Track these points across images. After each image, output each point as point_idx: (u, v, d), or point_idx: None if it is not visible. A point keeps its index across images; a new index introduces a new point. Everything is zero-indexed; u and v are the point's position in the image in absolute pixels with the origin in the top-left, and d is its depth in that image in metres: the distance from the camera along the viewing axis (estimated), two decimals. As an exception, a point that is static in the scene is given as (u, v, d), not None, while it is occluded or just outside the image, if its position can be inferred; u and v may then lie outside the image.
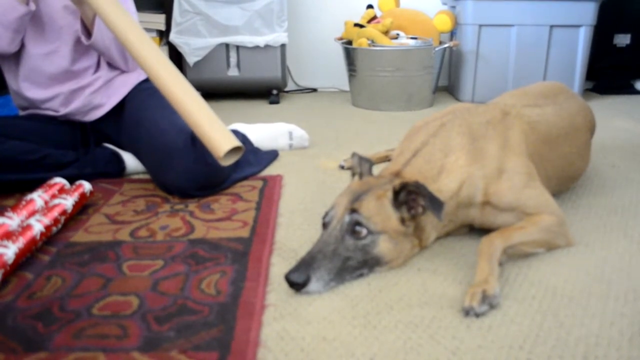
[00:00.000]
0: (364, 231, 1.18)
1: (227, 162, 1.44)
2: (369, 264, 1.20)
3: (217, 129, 1.42)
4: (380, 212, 1.20)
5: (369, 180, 1.30)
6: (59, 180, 1.59)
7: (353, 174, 1.39)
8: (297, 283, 1.11)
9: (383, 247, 1.19)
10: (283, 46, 3.12)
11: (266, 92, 3.23)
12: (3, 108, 2.47)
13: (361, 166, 1.37)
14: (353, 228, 1.18)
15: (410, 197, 1.21)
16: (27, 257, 1.28)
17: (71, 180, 1.63)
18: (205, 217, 1.53)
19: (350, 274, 1.17)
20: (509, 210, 1.30)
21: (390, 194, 1.22)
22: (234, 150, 1.42)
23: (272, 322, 1.04)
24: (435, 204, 1.17)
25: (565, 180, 1.59)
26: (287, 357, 0.94)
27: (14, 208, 1.40)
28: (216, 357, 0.93)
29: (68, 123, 1.90)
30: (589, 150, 1.68)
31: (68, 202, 1.47)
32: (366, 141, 2.32)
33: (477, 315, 1.04)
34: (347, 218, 1.19)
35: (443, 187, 1.27)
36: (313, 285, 1.12)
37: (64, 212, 1.44)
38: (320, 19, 3.47)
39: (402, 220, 1.22)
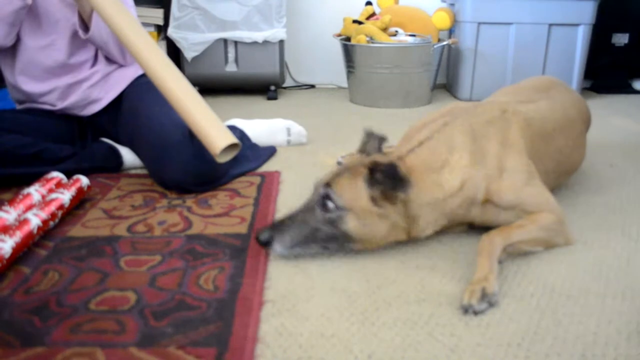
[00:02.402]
0: (332, 205, 1.21)
1: (223, 159, 1.43)
2: (339, 239, 1.23)
3: (213, 126, 1.41)
4: (351, 189, 1.21)
5: (363, 159, 1.30)
6: (56, 175, 1.58)
7: (360, 151, 1.39)
8: (260, 241, 1.22)
9: (350, 224, 1.21)
10: (281, 42, 3.11)
11: (264, 88, 3.22)
12: (0, 102, 2.46)
13: (367, 143, 1.38)
14: (323, 201, 1.22)
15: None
16: (24, 252, 1.27)
17: (68, 175, 1.62)
18: (203, 213, 1.52)
19: (318, 244, 1.23)
20: (510, 208, 1.30)
21: (366, 172, 1.22)
22: (231, 147, 1.42)
23: (270, 318, 1.04)
24: (396, 181, 1.18)
25: (563, 173, 1.59)
26: (285, 353, 0.94)
27: (11, 202, 1.39)
28: (214, 353, 0.93)
29: (65, 117, 1.89)
30: (585, 142, 1.68)
31: (65, 196, 1.47)
32: (364, 138, 2.31)
33: (476, 312, 1.04)
34: (321, 190, 1.23)
35: (444, 181, 1.27)
36: (276, 246, 1.22)
37: (61, 207, 1.44)
38: (319, 15, 3.47)
39: (374, 200, 1.21)
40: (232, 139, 1.41)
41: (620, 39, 3.28)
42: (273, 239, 1.21)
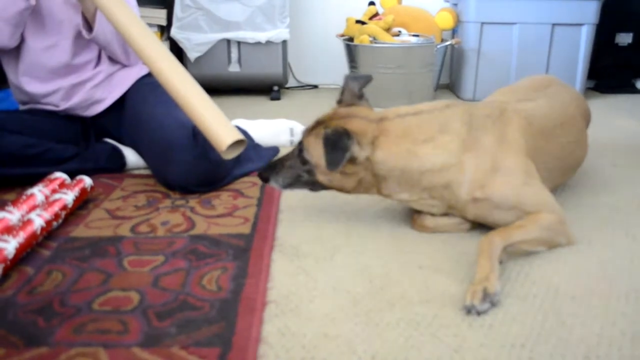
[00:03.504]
0: (305, 159, 1.35)
1: (229, 156, 1.43)
2: (316, 184, 1.38)
3: (219, 122, 1.41)
4: (315, 149, 1.32)
5: (336, 113, 1.36)
6: (60, 175, 1.58)
7: (337, 101, 1.43)
8: (262, 178, 1.41)
9: (319, 177, 1.35)
10: (284, 42, 3.11)
11: (267, 88, 3.22)
12: (3, 102, 2.46)
13: (344, 93, 1.41)
14: (300, 154, 1.36)
15: None
16: (27, 252, 1.28)
17: (72, 175, 1.62)
18: (206, 213, 1.52)
19: (303, 185, 1.39)
20: (506, 207, 1.30)
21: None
22: (237, 143, 1.42)
23: (273, 319, 1.04)
24: (329, 154, 1.24)
25: (567, 170, 1.59)
26: (289, 354, 0.94)
27: (14, 202, 1.39)
28: (217, 353, 0.93)
29: (68, 118, 1.90)
30: (586, 137, 1.68)
31: (69, 196, 1.47)
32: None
33: (479, 313, 1.04)
34: (300, 144, 1.37)
35: (422, 153, 1.29)
36: (272, 183, 1.40)
37: (64, 207, 1.44)
38: (322, 16, 3.47)
39: None
40: (238, 135, 1.41)
41: (624, 38, 3.27)
42: (270, 178, 1.39)
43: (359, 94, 1.40)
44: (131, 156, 1.90)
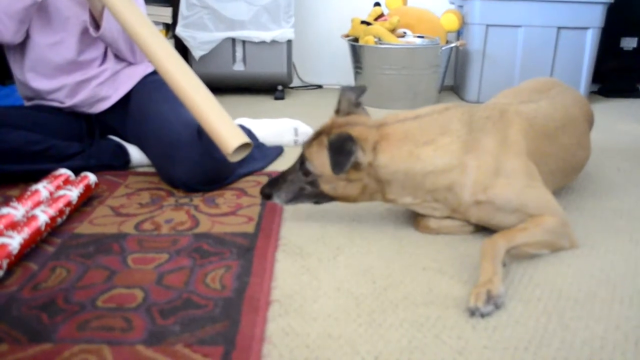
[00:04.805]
0: (308, 170, 1.35)
1: (235, 158, 1.44)
2: (320, 196, 1.39)
3: (226, 125, 1.42)
4: (318, 157, 1.33)
5: (335, 122, 1.36)
6: (64, 172, 1.59)
7: (335, 111, 1.42)
8: (263, 195, 1.41)
9: (324, 187, 1.36)
10: (289, 42, 3.11)
11: (271, 88, 3.22)
12: (8, 98, 2.47)
13: (341, 102, 1.42)
14: (302, 166, 1.37)
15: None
16: (31, 248, 1.28)
17: (76, 172, 1.63)
18: (210, 212, 1.53)
19: (307, 198, 1.40)
20: (509, 210, 1.29)
21: (326, 142, 1.30)
22: (243, 146, 1.42)
23: (277, 318, 1.04)
24: (334, 158, 1.24)
25: (569, 172, 1.59)
26: (292, 353, 0.94)
27: (19, 198, 1.40)
28: (221, 352, 0.93)
29: (73, 114, 1.90)
30: (589, 140, 1.68)
31: (73, 193, 1.47)
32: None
33: (482, 315, 1.04)
34: (301, 157, 1.38)
35: (424, 155, 1.29)
36: (275, 200, 1.41)
37: (69, 204, 1.44)
38: (327, 16, 3.47)
39: None
40: (244, 138, 1.42)
41: (629, 43, 3.27)
42: (272, 195, 1.39)
43: (355, 103, 1.40)
44: (135, 153, 1.90)
